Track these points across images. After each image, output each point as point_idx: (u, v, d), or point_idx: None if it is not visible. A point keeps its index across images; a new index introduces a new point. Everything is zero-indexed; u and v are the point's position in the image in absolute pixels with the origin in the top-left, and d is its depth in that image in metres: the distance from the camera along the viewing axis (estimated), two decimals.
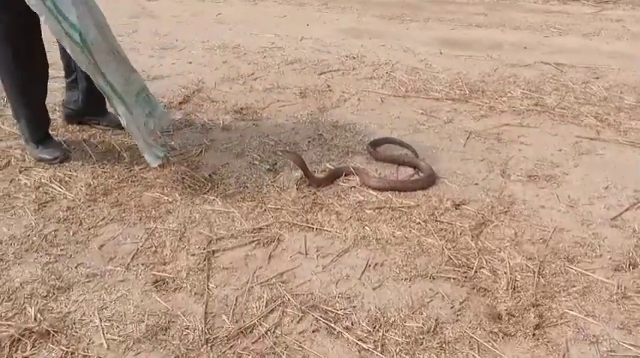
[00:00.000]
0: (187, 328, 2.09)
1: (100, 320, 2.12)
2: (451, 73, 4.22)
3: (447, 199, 2.79)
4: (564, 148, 3.26)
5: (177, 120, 3.52)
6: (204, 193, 2.83)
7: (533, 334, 2.06)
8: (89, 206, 2.74)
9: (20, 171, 2.98)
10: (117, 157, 3.11)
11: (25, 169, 3.00)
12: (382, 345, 2.02)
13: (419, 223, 2.63)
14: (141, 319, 2.12)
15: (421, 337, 2.05)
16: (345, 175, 2.98)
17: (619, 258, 2.43)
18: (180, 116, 3.57)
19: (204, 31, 5.13)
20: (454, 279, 2.32)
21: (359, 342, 2.03)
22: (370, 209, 2.72)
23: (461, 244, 2.51)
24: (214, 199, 2.78)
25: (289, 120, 3.57)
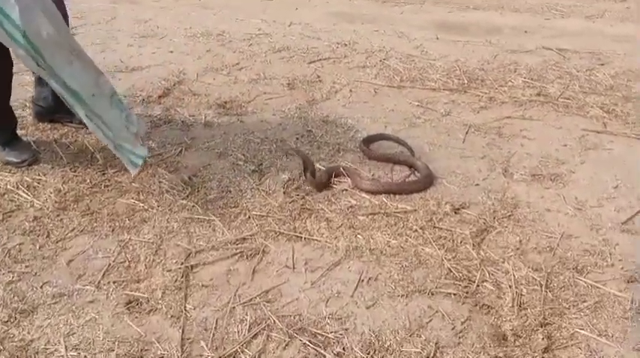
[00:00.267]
0: (162, 357, 1.90)
1: (66, 348, 1.93)
2: (448, 61, 3.98)
3: (446, 203, 2.59)
4: (569, 143, 3.05)
5: (155, 116, 3.29)
6: (183, 199, 2.62)
7: None
8: (58, 215, 2.53)
9: None
10: (90, 159, 2.89)
11: None
12: None
13: (416, 230, 2.43)
14: (111, 347, 1.93)
15: None
16: (336, 176, 2.77)
17: (631, 268, 2.24)
18: (159, 111, 3.34)
19: (186, 17, 4.86)
20: (455, 295, 2.13)
21: None
22: (363, 215, 2.52)
23: (461, 254, 2.31)
24: (194, 206, 2.57)
25: (276, 114, 3.34)
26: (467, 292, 2.14)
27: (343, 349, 1.92)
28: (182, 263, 2.28)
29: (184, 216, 2.51)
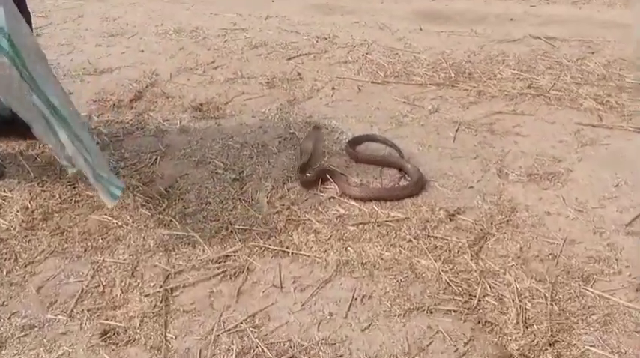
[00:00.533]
0: None
1: None
2: (433, 53, 3.82)
3: (440, 208, 2.44)
4: (565, 138, 2.91)
5: (127, 122, 3.09)
6: (159, 213, 2.44)
7: None
8: (26, 236, 2.34)
9: None
10: (59, 172, 2.69)
11: None
12: None
13: (410, 241, 2.28)
14: None
15: None
16: (322, 182, 2.61)
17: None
18: (131, 117, 3.14)
19: (158, 13, 4.63)
20: (455, 312, 1.99)
21: None
22: (353, 225, 2.36)
23: (459, 265, 2.17)
24: (171, 221, 2.40)
25: (256, 116, 3.16)
26: (468, 308, 2.00)
27: None
28: (161, 286, 2.11)
29: (161, 233, 2.34)
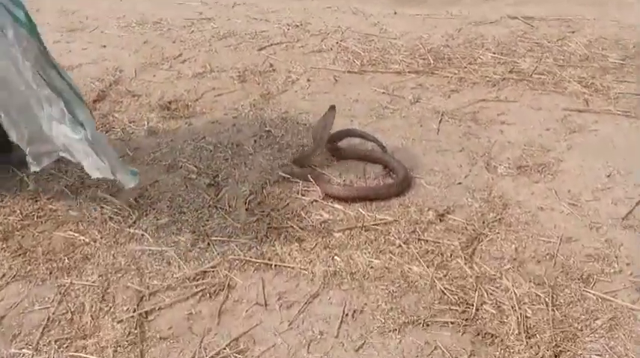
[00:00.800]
0: None
1: None
2: (410, 38, 3.67)
3: (429, 208, 2.32)
4: (552, 126, 2.80)
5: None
6: (129, 226, 2.27)
7: None
8: None
9: None
10: (19, 184, 2.50)
11: None
12: None
13: (399, 246, 2.15)
14: None
15: None
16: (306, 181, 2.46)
17: None
18: (95, 119, 2.93)
19: (118, 4, 4.37)
20: (452, 324, 1.87)
21: None
22: (339, 231, 2.23)
23: (453, 271, 2.05)
24: (143, 234, 2.23)
25: (228, 114, 2.99)
26: (466, 319, 1.88)
27: None
28: (134, 309, 1.95)
29: (133, 249, 2.18)
